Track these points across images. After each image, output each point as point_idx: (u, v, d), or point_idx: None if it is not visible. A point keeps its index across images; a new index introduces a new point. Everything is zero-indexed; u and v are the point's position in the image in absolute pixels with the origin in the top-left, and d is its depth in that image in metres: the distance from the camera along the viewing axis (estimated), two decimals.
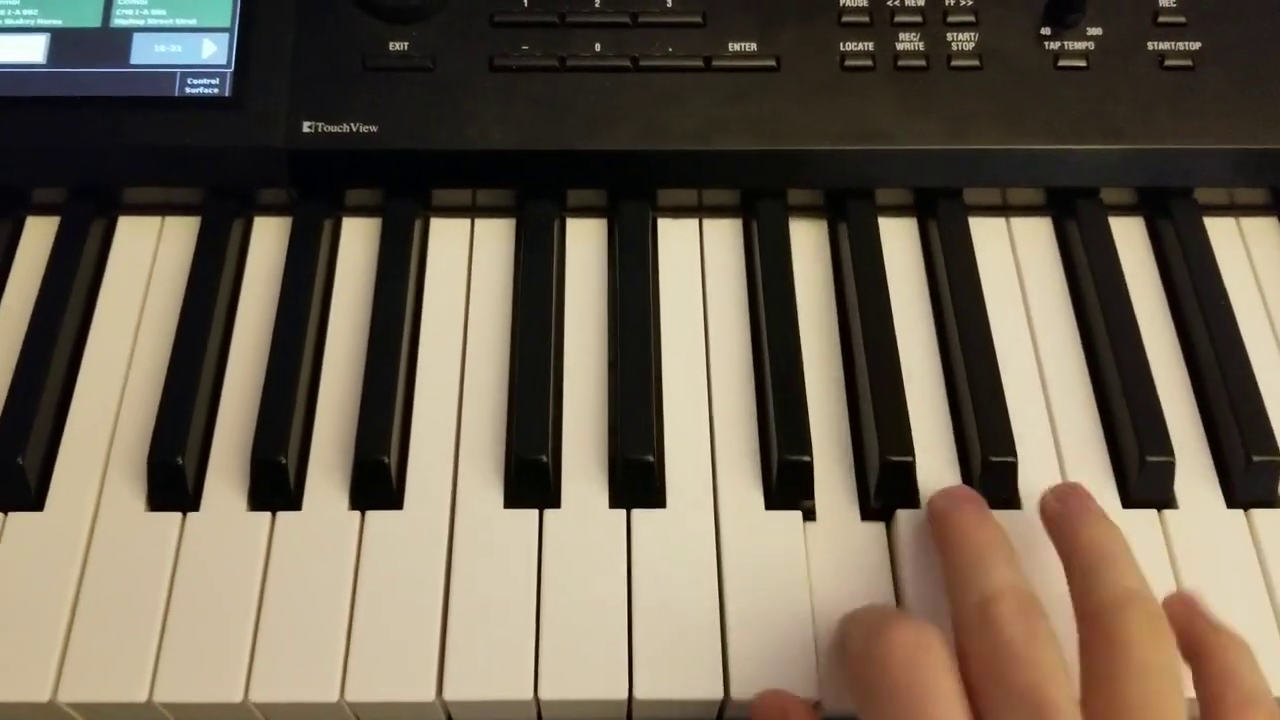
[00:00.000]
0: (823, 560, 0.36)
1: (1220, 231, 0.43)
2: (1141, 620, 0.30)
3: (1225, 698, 0.31)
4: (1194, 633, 0.32)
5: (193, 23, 0.43)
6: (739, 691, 0.34)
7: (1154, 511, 0.38)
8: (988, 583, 0.31)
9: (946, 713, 0.28)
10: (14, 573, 0.36)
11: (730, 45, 0.43)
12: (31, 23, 0.43)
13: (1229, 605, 0.35)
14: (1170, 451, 0.37)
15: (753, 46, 0.43)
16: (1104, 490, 0.38)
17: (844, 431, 0.39)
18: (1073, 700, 0.29)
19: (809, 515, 0.37)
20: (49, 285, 0.41)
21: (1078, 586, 0.32)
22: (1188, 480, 0.38)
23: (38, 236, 0.43)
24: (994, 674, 0.30)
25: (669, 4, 0.43)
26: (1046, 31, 0.43)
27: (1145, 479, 0.37)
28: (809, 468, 0.37)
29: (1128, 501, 0.38)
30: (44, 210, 0.44)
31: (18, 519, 0.37)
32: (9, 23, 0.43)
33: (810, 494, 0.37)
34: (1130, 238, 0.44)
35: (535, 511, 0.37)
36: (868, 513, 0.37)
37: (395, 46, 0.42)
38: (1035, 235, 0.44)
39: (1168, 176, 0.43)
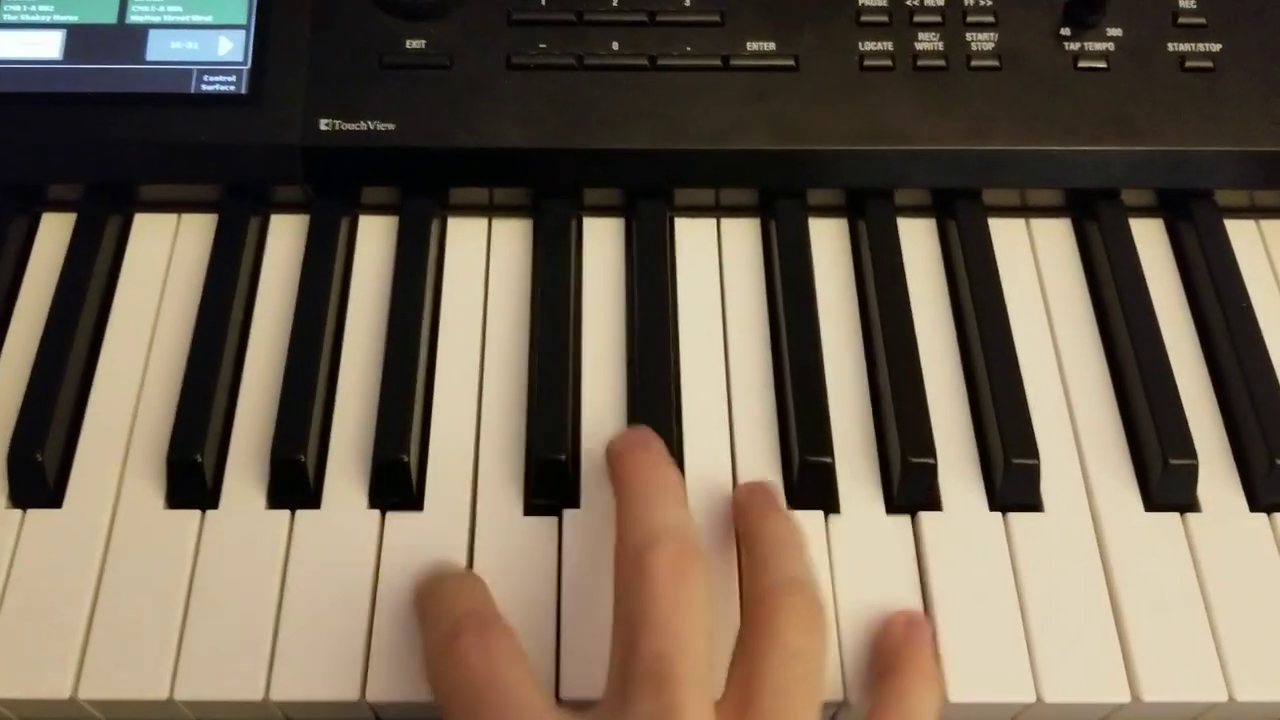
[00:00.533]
0: (846, 558, 0.36)
1: (1241, 234, 0.43)
2: (797, 606, 0.31)
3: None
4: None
5: (209, 20, 0.43)
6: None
7: (1176, 515, 0.37)
8: (648, 526, 0.31)
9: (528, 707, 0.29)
10: (33, 570, 0.36)
11: (749, 44, 0.42)
12: (47, 18, 0.43)
13: (1252, 606, 0.36)
14: (1193, 454, 0.37)
15: (771, 46, 0.42)
16: (1126, 493, 0.38)
17: (866, 431, 0.39)
18: (699, 672, 0.29)
19: (831, 513, 0.37)
20: (66, 282, 0.41)
21: (750, 571, 0.33)
22: (1210, 483, 0.38)
23: (53, 233, 0.43)
24: (629, 634, 0.29)
25: (687, 3, 0.43)
26: (1066, 32, 0.43)
27: (1168, 482, 0.37)
28: (830, 468, 0.37)
29: (1150, 505, 0.38)
30: (59, 207, 0.44)
31: (36, 516, 0.37)
32: (25, 18, 0.43)
33: (831, 494, 0.37)
34: (1150, 240, 0.44)
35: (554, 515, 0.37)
36: (890, 511, 0.37)
37: (412, 44, 0.42)
38: (1055, 236, 0.44)
39: (1188, 178, 0.43)
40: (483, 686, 0.29)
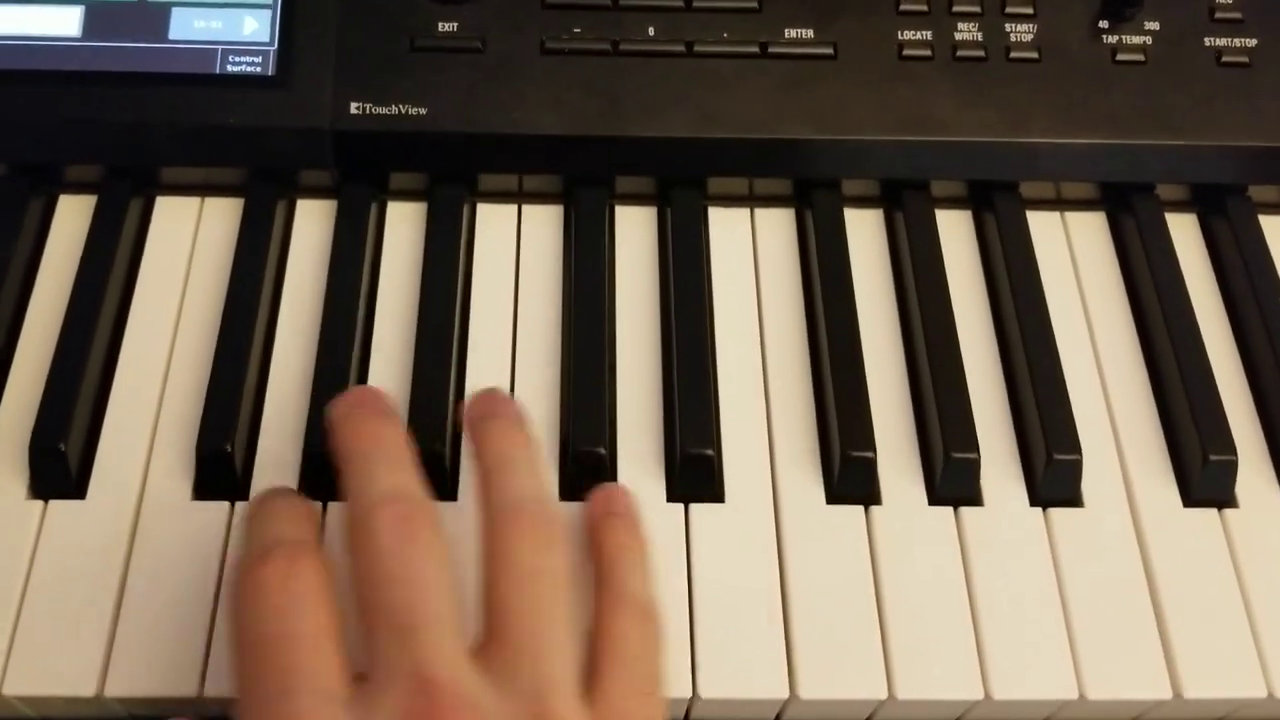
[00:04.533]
0: (888, 551, 0.36)
1: (1276, 230, 0.43)
2: (527, 524, 0.30)
3: (600, 598, 0.31)
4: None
5: None
6: (806, 691, 0.34)
7: (1214, 511, 0.37)
8: (370, 492, 0.30)
9: (312, 660, 0.27)
10: (57, 562, 0.35)
11: (786, 32, 0.42)
12: None
13: None
14: (1233, 450, 0.37)
15: (809, 34, 0.42)
16: (1165, 489, 0.38)
17: (907, 425, 0.38)
18: (446, 618, 0.28)
19: (873, 505, 0.37)
20: (87, 266, 0.40)
21: (482, 490, 0.31)
22: (1247, 479, 0.38)
23: (71, 215, 0.42)
24: (368, 595, 0.28)
25: None
26: (1104, 25, 0.43)
27: (1207, 478, 0.37)
28: (872, 463, 0.37)
29: (1188, 500, 0.38)
30: (77, 189, 0.42)
31: (59, 507, 0.36)
32: None
33: (873, 488, 0.37)
34: (1184, 234, 0.43)
35: None
36: (932, 504, 0.37)
37: (444, 27, 0.41)
38: (1090, 230, 0.43)
39: (1223, 173, 0.42)
40: (275, 637, 0.27)
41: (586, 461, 0.36)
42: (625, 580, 0.31)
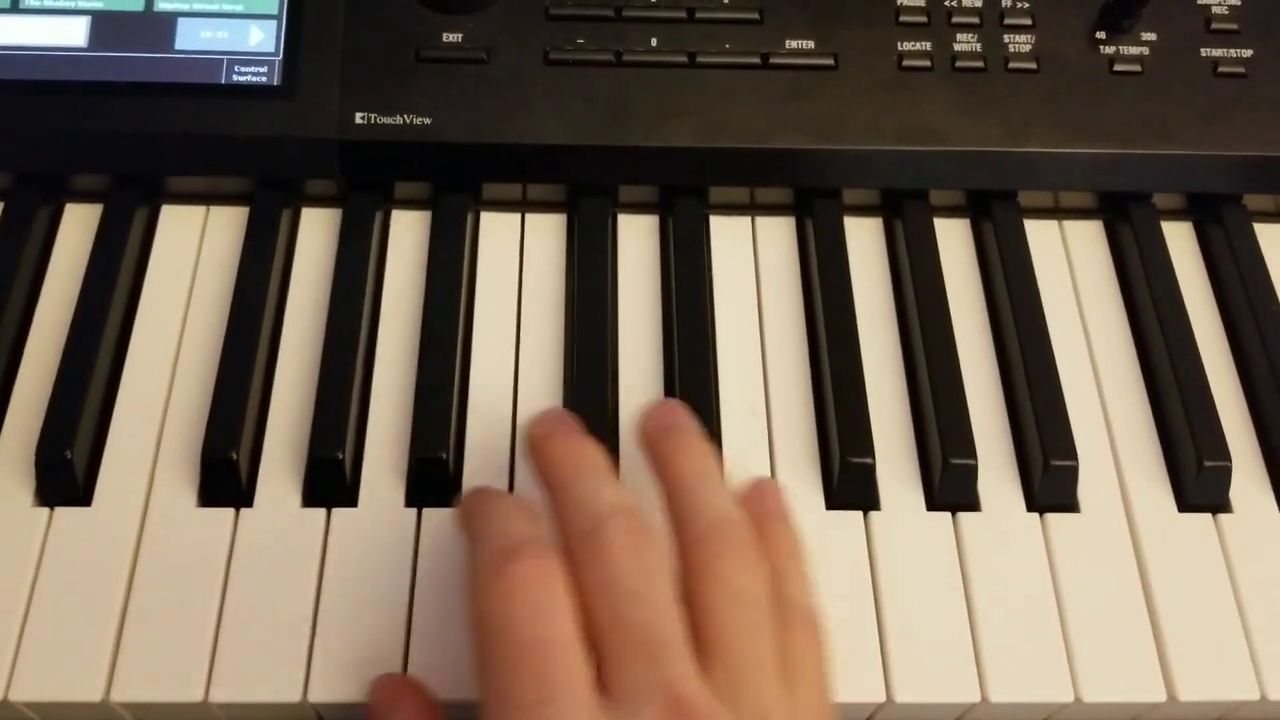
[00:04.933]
0: (887, 556, 0.36)
1: (1270, 239, 0.43)
2: (733, 547, 0.30)
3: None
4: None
5: (239, 9, 0.42)
6: None
7: (1209, 516, 0.38)
8: (594, 507, 0.30)
9: (568, 664, 0.27)
10: (62, 570, 0.35)
11: (788, 43, 0.42)
12: (72, 4, 0.42)
13: None
14: (1228, 456, 0.38)
15: (810, 44, 0.42)
16: (1160, 494, 0.38)
17: (905, 431, 0.39)
18: (683, 635, 0.29)
19: (872, 511, 0.37)
20: (93, 275, 0.40)
21: (677, 516, 0.32)
22: (1241, 485, 0.38)
23: (78, 224, 0.42)
24: (608, 611, 0.28)
25: (726, 0, 0.43)
26: (1102, 35, 0.43)
27: (1202, 484, 0.38)
28: (871, 469, 0.37)
29: (1184, 506, 0.38)
30: (83, 198, 0.43)
31: (65, 515, 0.36)
32: (49, 4, 0.42)
33: (872, 493, 0.37)
34: (1180, 242, 0.44)
35: None
36: (930, 509, 0.37)
37: (449, 38, 0.42)
38: (1088, 238, 0.44)
39: (1219, 182, 0.43)
40: (532, 643, 0.27)
41: None
42: (794, 593, 0.32)
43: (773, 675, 0.29)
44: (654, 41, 0.42)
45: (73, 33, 0.42)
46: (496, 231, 0.43)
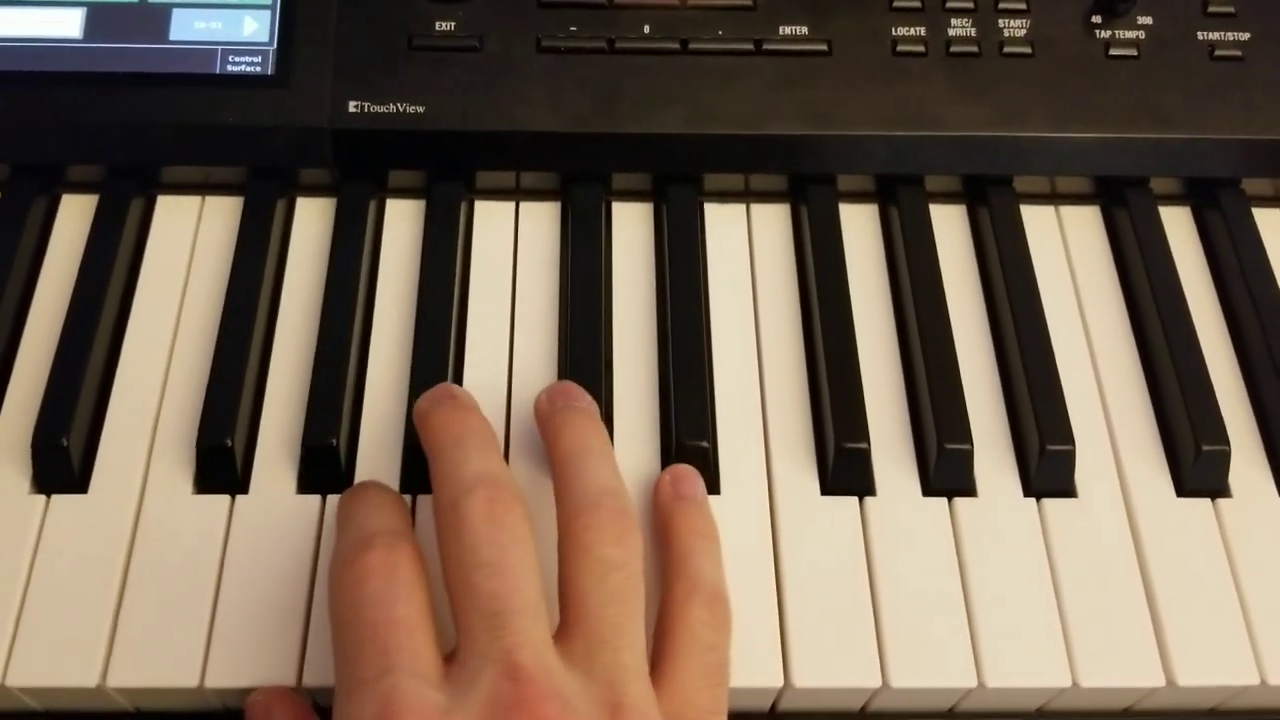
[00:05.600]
0: (883, 541, 0.36)
1: (1268, 223, 0.43)
2: (604, 519, 0.31)
3: (673, 586, 0.32)
4: (669, 519, 0.34)
5: None
6: (800, 679, 0.34)
7: (1208, 500, 0.38)
8: (459, 476, 0.31)
9: (410, 642, 0.28)
10: (59, 556, 0.35)
11: (781, 29, 0.42)
12: None
13: None
14: (1226, 440, 0.37)
15: (804, 30, 0.42)
16: (1158, 479, 0.38)
17: (900, 416, 0.39)
18: (536, 605, 0.29)
19: (867, 497, 0.37)
20: (89, 264, 0.40)
21: (556, 489, 0.32)
22: (1240, 469, 0.38)
23: (74, 214, 0.42)
24: (461, 581, 0.29)
25: None
26: (1097, 20, 0.43)
27: (1200, 468, 0.37)
28: (866, 454, 0.37)
29: (1181, 490, 0.38)
30: (79, 188, 0.43)
31: (62, 502, 0.36)
32: None
33: (867, 479, 0.37)
34: (1178, 227, 0.44)
35: None
36: (926, 494, 0.37)
37: (442, 26, 0.42)
38: (1084, 223, 0.44)
39: (1216, 167, 0.43)
40: (376, 622, 0.29)
41: None
42: (699, 568, 0.32)
43: (639, 647, 0.30)
44: (646, 29, 0.42)
45: (68, 24, 0.42)
46: (491, 219, 0.43)
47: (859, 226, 0.43)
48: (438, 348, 0.39)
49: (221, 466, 0.37)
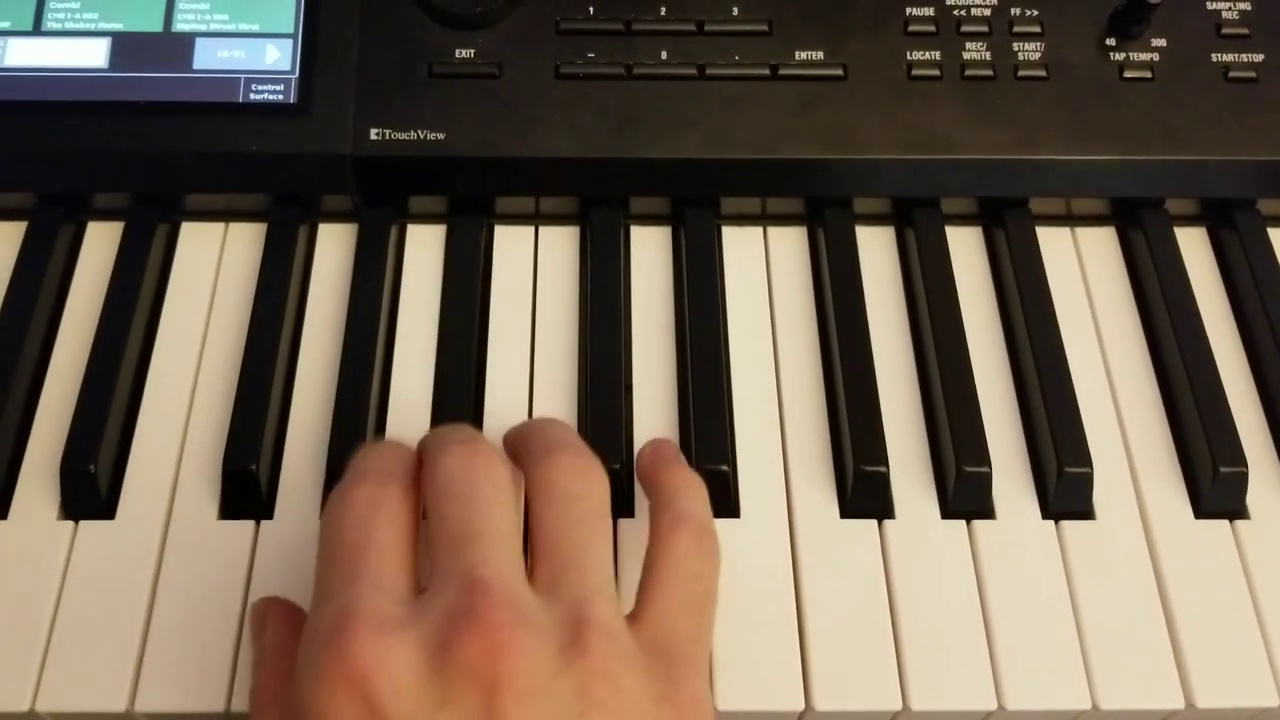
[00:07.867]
0: (902, 564, 0.36)
1: None
2: (566, 459, 0.31)
3: (659, 520, 0.32)
4: (655, 475, 0.34)
5: (255, 28, 0.43)
6: (821, 703, 0.34)
7: (1225, 522, 0.38)
8: (446, 438, 0.32)
9: (379, 561, 0.29)
10: (87, 582, 0.36)
11: (797, 54, 0.43)
12: (92, 26, 0.43)
13: None
14: (1244, 462, 0.37)
15: (819, 55, 0.43)
16: (1176, 501, 0.38)
17: (919, 439, 0.39)
18: (502, 531, 0.29)
19: (886, 519, 0.37)
20: (115, 291, 0.41)
21: (523, 449, 0.33)
22: (1258, 490, 0.38)
23: (100, 242, 0.43)
24: (435, 515, 0.30)
25: (735, 12, 0.43)
26: (1111, 42, 0.43)
27: (1218, 490, 0.38)
28: (885, 478, 0.37)
29: (1199, 512, 0.38)
30: (105, 216, 0.43)
31: (89, 527, 0.37)
32: (70, 26, 0.43)
33: (886, 502, 0.37)
34: (1193, 248, 0.44)
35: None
36: (945, 517, 0.38)
37: (461, 54, 0.42)
38: (1100, 245, 0.44)
39: (1232, 187, 0.43)
40: (350, 544, 0.29)
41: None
42: (685, 504, 0.33)
43: (604, 569, 0.30)
44: (664, 54, 0.42)
45: (93, 54, 0.42)
46: (511, 244, 0.43)
47: (876, 249, 0.44)
48: (460, 371, 0.39)
49: (246, 492, 0.37)
